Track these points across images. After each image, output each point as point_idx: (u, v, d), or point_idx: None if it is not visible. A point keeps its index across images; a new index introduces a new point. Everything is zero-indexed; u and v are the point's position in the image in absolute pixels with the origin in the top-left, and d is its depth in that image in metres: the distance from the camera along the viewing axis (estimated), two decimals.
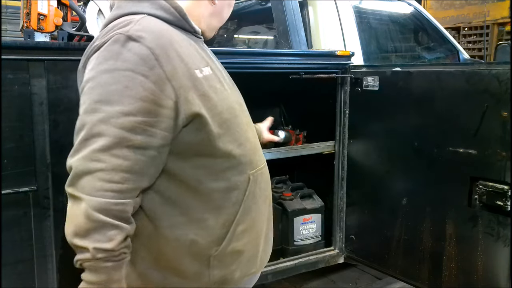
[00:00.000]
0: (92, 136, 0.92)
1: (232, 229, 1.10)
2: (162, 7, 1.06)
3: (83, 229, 0.90)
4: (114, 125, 0.91)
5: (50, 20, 1.71)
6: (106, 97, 0.93)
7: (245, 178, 1.11)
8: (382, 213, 2.17)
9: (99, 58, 0.97)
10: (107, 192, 0.90)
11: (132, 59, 0.94)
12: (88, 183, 0.90)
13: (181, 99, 0.98)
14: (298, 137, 2.59)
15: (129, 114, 0.92)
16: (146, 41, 0.95)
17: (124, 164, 0.92)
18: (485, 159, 1.70)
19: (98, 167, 0.90)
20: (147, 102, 0.93)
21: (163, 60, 0.96)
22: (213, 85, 1.07)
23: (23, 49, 1.51)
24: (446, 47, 3.51)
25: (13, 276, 1.52)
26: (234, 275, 1.14)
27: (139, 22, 1.00)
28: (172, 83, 0.97)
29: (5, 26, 6.88)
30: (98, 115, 0.92)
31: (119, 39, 0.96)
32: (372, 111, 2.21)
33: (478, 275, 1.76)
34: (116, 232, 0.92)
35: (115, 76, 0.93)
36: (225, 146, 1.06)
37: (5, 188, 1.47)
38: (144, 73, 0.94)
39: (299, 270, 2.33)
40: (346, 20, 2.75)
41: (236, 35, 3.92)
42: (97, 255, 0.91)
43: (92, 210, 0.89)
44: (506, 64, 1.65)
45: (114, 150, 0.91)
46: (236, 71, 1.81)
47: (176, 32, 1.06)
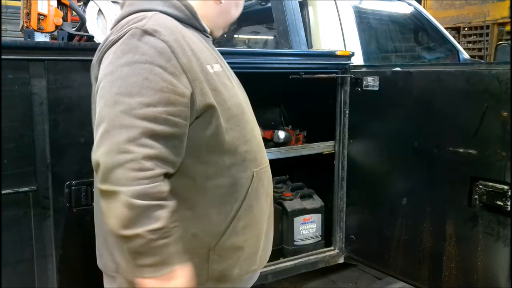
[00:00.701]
0: (115, 128, 0.93)
1: (233, 224, 1.12)
2: (174, 5, 1.09)
3: (129, 219, 0.92)
4: (136, 116, 0.93)
5: (50, 20, 1.71)
6: (127, 89, 0.95)
7: (249, 175, 1.13)
8: (382, 213, 2.17)
9: (117, 52, 0.99)
10: (142, 180, 0.92)
11: (150, 52, 0.97)
12: (122, 175, 0.92)
13: (197, 90, 1.01)
14: (298, 137, 2.59)
15: (150, 105, 0.94)
16: (162, 35, 0.99)
17: (152, 152, 0.94)
18: (485, 159, 1.70)
19: (128, 158, 0.92)
20: (167, 92, 0.96)
21: (179, 53, 1.00)
22: (223, 81, 1.10)
23: (23, 49, 1.51)
24: (446, 47, 3.51)
25: (13, 276, 1.52)
26: (233, 271, 1.15)
27: (153, 18, 1.03)
28: (188, 75, 1.00)
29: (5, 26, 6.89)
30: (119, 107, 0.94)
31: (136, 33, 0.99)
32: (372, 111, 2.21)
33: (478, 275, 1.76)
34: (162, 211, 0.94)
35: (134, 68, 0.96)
36: (232, 141, 1.09)
37: (5, 188, 1.47)
38: (162, 65, 0.97)
39: (299, 270, 2.34)
40: (346, 20, 2.74)
41: (236, 35, 3.92)
42: (151, 236, 0.92)
43: (133, 199, 0.91)
44: (506, 64, 1.65)
45: (140, 140, 0.93)
46: (236, 71, 1.80)
47: (187, 30, 1.09)
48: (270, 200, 1.26)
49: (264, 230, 1.22)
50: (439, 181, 1.89)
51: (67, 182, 1.58)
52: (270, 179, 1.27)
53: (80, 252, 1.59)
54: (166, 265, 0.95)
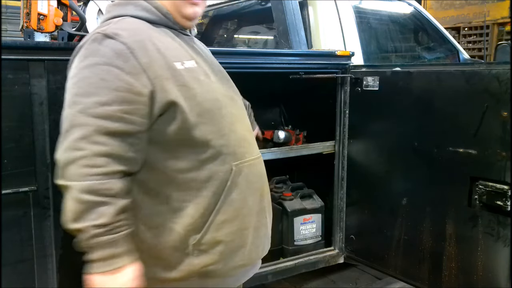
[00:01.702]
0: (72, 127, 0.99)
1: (211, 218, 1.13)
2: (144, 8, 1.15)
3: (77, 213, 0.97)
4: (91, 115, 0.99)
5: (50, 20, 1.71)
6: (85, 90, 1.01)
7: (226, 169, 1.14)
8: (382, 213, 2.17)
9: (80, 57, 1.06)
10: (92, 176, 0.97)
11: (108, 54, 1.03)
12: (74, 171, 0.97)
13: (157, 88, 1.05)
14: (298, 137, 2.59)
15: (105, 104, 1.00)
16: (121, 38, 1.04)
17: (104, 149, 0.98)
18: (485, 159, 1.70)
19: (80, 155, 0.97)
20: (122, 91, 1.01)
21: (138, 54, 1.04)
22: (196, 77, 1.13)
23: (23, 49, 1.51)
24: (446, 47, 3.50)
25: (13, 276, 1.52)
26: (218, 265, 1.15)
27: (118, 23, 1.10)
28: (148, 73, 1.04)
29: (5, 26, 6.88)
30: (77, 107, 1.01)
31: (97, 38, 1.05)
32: (372, 111, 2.21)
33: (478, 275, 1.76)
34: (107, 207, 0.98)
35: (93, 70, 1.02)
36: (203, 135, 1.11)
37: (5, 188, 1.47)
38: (119, 66, 1.02)
39: (299, 270, 2.33)
40: (346, 20, 2.74)
41: (236, 35, 3.92)
42: (94, 231, 0.97)
43: (81, 193, 0.96)
44: (506, 64, 1.65)
45: (93, 137, 0.98)
46: (236, 71, 1.81)
47: (158, 30, 1.14)
48: (259, 194, 1.24)
49: (251, 225, 1.22)
50: (439, 181, 1.89)
51: None
52: (260, 173, 1.26)
53: (80, 252, 1.59)
54: (111, 261, 1.00)
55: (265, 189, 1.28)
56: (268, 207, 1.30)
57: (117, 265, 1.00)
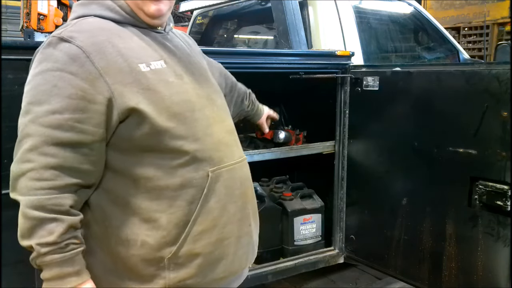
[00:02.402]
0: (24, 137, 0.95)
1: (188, 229, 1.05)
2: (108, 7, 1.09)
3: (25, 229, 0.93)
4: (41, 124, 0.93)
5: (50, 20, 1.71)
6: (36, 98, 0.95)
7: (202, 175, 1.06)
8: (382, 213, 2.17)
9: (35, 62, 1.01)
10: (39, 190, 0.92)
11: (62, 58, 0.96)
12: (23, 184, 0.93)
13: (116, 94, 0.98)
14: (298, 137, 2.59)
15: (56, 112, 0.94)
16: (77, 40, 0.98)
17: (53, 162, 0.93)
18: (485, 159, 1.70)
19: (29, 167, 0.92)
20: (74, 99, 0.95)
21: (95, 57, 0.97)
22: (165, 78, 1.06)
23: (23, 49, 1.50)
24: (446, 47, 3.51)
25: (13, 276, 1.51)
26: (196, 279, 1.07)
27: (75, 24, 1.03)
28: (106, 78, 0.98)
29: (5, 26, 6.89)
30: (28, 116, 0.95)
31: (52, 41, 0.99)
32: (372, 111, 2.20)
33: (478, 275, 1.76)
34: (56, 225, 0.92)
35: (45, 77, 0.96)
36: (173, 141, 1.03)
37: (5, 188, 1.46)
38: (72, 71, 0.96)
39: (299, 270, 2.33)
40: (346, 20, 2.74)
41: (236, 35, 3.92)
42: (41, 250, 0.92)
43: (28, 209, 0.92)
44: (506, 64, 1.65)
45: (42, 148, 0.93)
46: (236, 71, 1.81)
47: (123, 30, 1.07)
48: (242, 202, 1.15)
49: (233, 234, 1.13)
50: (439, 181, 1.89)
51: None
52: (243, 178, 1.17)
53: None
54: (61, 281, 0.94)
55: (249, 195, 1.19)
56: (253, 214, 1.21)
57: (69, 284, 0.94)
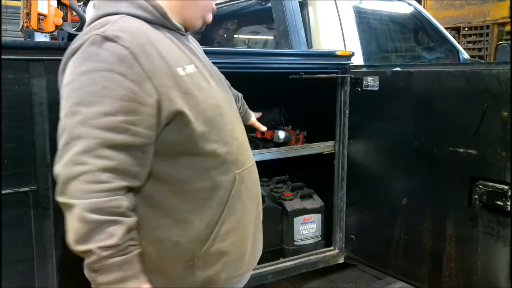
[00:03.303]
0: (73, 139, 0.91)
1: (217, 229, 1.08)
2: (141, 6, 1.05)
3: (82, 234, 0.89)
4: (94, 126, 0.90)
5: (50, 20, 1.70)
6: (85, 98, 0.92)
7: (230, 178, 1.10)
8: (382, 213, 2.17)
9: (77, 61, 0.96)
10: (96, 193, 0.89)
11: (109, 59, 0.93)
12: (76, 187, 0.89)
13: (163, 97, 0.97)
14: (298, 137, 2.59)
15: (109, 114, 0.91)
16: (123, 41, 0.95)
17: (109, 164, 0.91)
18: (485, 159, 1.70)
19: (83, 170, 0.89)
20: (126, 101, 0.92)
21: (142, 59, 0.95)
22: (198, 82, 1.06)
23: (23, 49, 1.50)
24: (446, 47, 3.51)
25: (13, 276, 1.52)
26: (220, 276, 1.12)
27: (116, 23, 0.99)
28: (153, 81, 0.96)
29: (5, 26, 6.88)
30: (77, 117, 0.91)
31: (96, 40, 0.95)
32: (372, 111, 2.21)
33: (478, 275, 1.76)
34: (115, 227, 0.90)
35: (93, 77, 0.93)
36: (208, 145, 1.05)
37: (5, 188, 1.47)
38: (122, 72, 0.93)
39: (299, 270, 2.33)
40: (346, 20, 2.74)
41: (236, 35, 3.92)
42: (102, 253, 0.89)
43: (85, 212, 0.88)
44: (506, 64, 1.65)
45: (96, 151, 0.90)
46: (236, 71, 1.81)
47: (156, 31, 1.05)
48: (256, 201, 1.22)
49: (251, 232, 1.20)
50: (439, 181, 1.89)
51: None
52: (256, 179, 1.23)
53: None
54: (123, 284, 0.92)
55: (259, 195, 1.26)
56: (261, 212, 1.28)
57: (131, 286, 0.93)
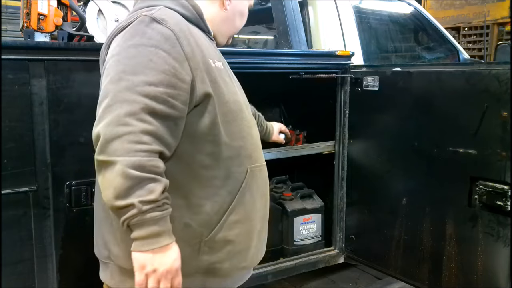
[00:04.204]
0: (117, 102, 0.98)
1: (225, 217, 1.14)
2: (182, 4, 1.16)
3: (123, 189, 0.94)
4: (138, 93, 0.98)
5: (50, 20, 1.71)
6: (131, 68, 1.00)
7: (243, 170, 1.17)
8: (382, 213, 2.17)
9: (125, 35, 1.06)
10: (138, 152, 0.95)
11: (156, 37, 1.03)
12: (119, 146, 0.95)
13: (197, 78, 1.07)
14: (298, 137, 2.59)
15: (152, 84, 0.99)
16: (169, 23, 1.05)
17: (150, 128, 0.98)
18: (485, 159, 1.70)
19: (127, 131, 0.95)
20: (169, 75, 1.01)
21: (183, 42, 1.06)
22: (223, 77, 1.16)
23: (23, 49, 1.51)
24: (446, 47, 3.51)
25: (13, 276, 1.52)
26: (223, 264, 1.16)
27: (161, 9, 1.10)
28: (190, 63, 1.06)
29: (5, 26, 6.88)
30: (123, 83, 0.99)
31: (144, 20, 1.05)
32: (372, 111, 2.20)
33: (478, 275, 1.76)
34: (155, 184, 0.97)
35: (140, 50, 1.02)
36: (226, 134, 1.13)
37: (5, 188, 1.47)
38: (166, 50, 1.03)
39: (299, 270, 2.33)
40: (346, 20, 2.74)
41: (236, 35, 3.92)
42: (143, 207, 0.95)
43: (128, 169, 0.94)
44: (506, 64, 1.65)
45: (140, 115, 0.97)
46: (236, 71, 1.80)
47: (192, 27, 1.15)
48: (265, 199, 1.28)
49: (257, 228, 1.24)
50: (439, 181, 1.89)
51: (67, 182, 1.58)
52: (266, 179, 1.29)
53: (80, 252, 1.59)
54: (158, 238, 0.98)
55: (268, 196, 1.32)
56: (268, 213, 1.33)
57: (165, 242, 0.99)
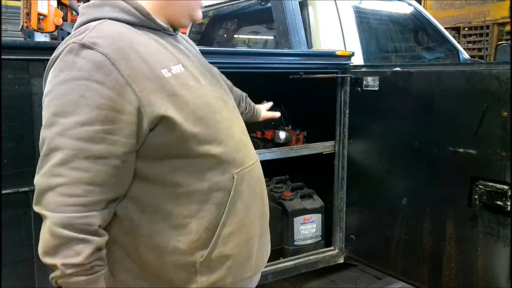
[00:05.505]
0: (51, 151, 0.90)
1: (218, 232, 1.05)
2: (123, 9, 1.03)
3: (50, 247, 0.89)
4: (70, 137, 0.89)
5: (50, 20, 1.71)
6: (62, 108, 0.90)
7: (228, 178, 1.06)
8: (382, 213, 2.17)
9: (55, 70, 0.95)
10: (69, 207, 0.88)
11: (86, 66, 0.91)
12: (51, 199, 0.88)
13: (144, 103, 0.94)
14: (298, 137, 2.59)
15: (86, 124, 0.89)
16: (101, 47, 0.92)
17: (85, 177, 0.89)
18: (485, 159, 1.70)
19: (59, 182, 0.88)
20: (104, 109, 0.90)
21: (121, 64, 0.93)
22: (185, 82, 1.03)
23: (23, 49, 1.51)
24: (446, 47, 3.51)
25: (13, 276, 1.52)
26: (226, 281, 1.09)
27: (95, 28, 0.97)
28: (133, 86, 0.93)
29: (5, 26, 6.89)
30: (55, 128, 0.90)
31: (73, 48, 0.93)
32: (372, 111, 2.21)
33: (478, 275, 1.76)
34: (83, 246, 0.89)
35: (70, 86, 0.91)
36: (201, 146, 1.02)
37: (5, 188, 1.47)
38: (99, 80, 0.90)
39: (299, 270, 2.33)
40: (346, 20, 2.74)
41: (236, 35, 3.92)
42: (66, 271, 0.89)
43: (56, 226, 0.88)
44: (506, 64, 1.65)
45: (73, 163, 0.88)
46: (236, 71, 1.81)
47: (140, 33, 1.03)
48: (260, 200, 1.18)
49: (257, 233, 1.16)
50: (439, 181, 1.89)
51: None
52: (260, 177, 1.19)
53: None
54: None
55: (265, 193, 1.22)
56: (268, 211, 1.24)
57: None
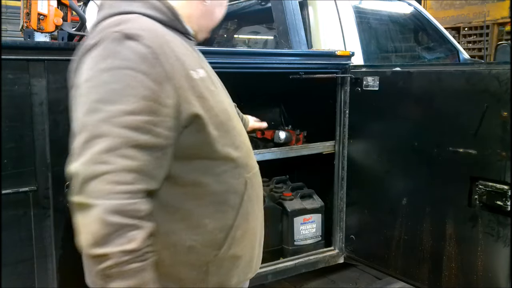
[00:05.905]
0: (95, 137, 0.87)
1: (232, 233, 1.08)
2: (155, 6, 1.03)
3: (101, 236, 0.84)
4: (117, 125, 0.87)
5: (50, 20, 1.71)
6: (107, 96, 0.88)
7: (242, 182, 1.10)
8: (382, 213, 2.17)
9: (96, 57, 0.92)
10: (119, 194, 0.85)
11: (132, 57, 0.90)
12: (97, 188, 0.85)
13: (182, 99, 0.95)
14: (298, 137, 2.59)
15: (132, 113, 0.88)
16: (144, 40, 0.92)
17: (133, 165, 0.87)
18: (485, 159, 1.70)
19: (105, 170, 0.85)
20: (149, 101, 0.90)
21: (162, 59, 0.93)
22: (208, 86, 1.05)
23: (23, 49, 1.51)
24: (446, 47, 3.51)
25: (13, 276, 1.52)
26: (232, 281, 1.11)
27: (133, 21, 0.97)
28: (172, 82, 0.94)
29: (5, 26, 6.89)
30: (99, 115, 0.87)
31: (116, 38, 0.92)
32: (372, 111, 2.21)
33: (478, 275, 1.76)
34: (136, 232, 0.87)
35: (115, 74, 0.89)
36: (223, 148, 1.05)
37: (5, 188, 1.47)
38: (144, 71, 0.90)
39: (299, 270, 2.33)
40: (346, 20, 2.74)
41: (236, 35, 3.92)
42: (122, 258, 0.85)
43: (107, 214, 0.84)
44: (506, 64, 1.65)
45: (120, 150, 0.86)
46: (236, 71, 1.81)
47: (169, 32, 1.03)
48: (261, 204, 1.23)
49: (257, 236, 1.20)
50: (439, 181, 1.89)
51: (67, 182, 1.58)
52: (260, 183, 1.24)
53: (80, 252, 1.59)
54: None
55: (262, 198, 1.26)
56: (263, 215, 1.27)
57: None
